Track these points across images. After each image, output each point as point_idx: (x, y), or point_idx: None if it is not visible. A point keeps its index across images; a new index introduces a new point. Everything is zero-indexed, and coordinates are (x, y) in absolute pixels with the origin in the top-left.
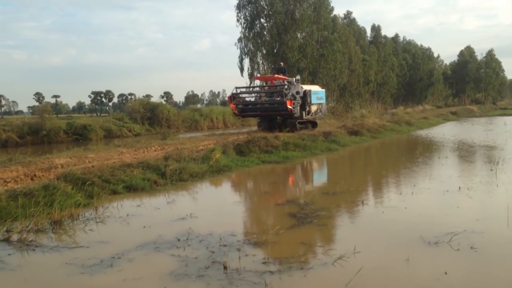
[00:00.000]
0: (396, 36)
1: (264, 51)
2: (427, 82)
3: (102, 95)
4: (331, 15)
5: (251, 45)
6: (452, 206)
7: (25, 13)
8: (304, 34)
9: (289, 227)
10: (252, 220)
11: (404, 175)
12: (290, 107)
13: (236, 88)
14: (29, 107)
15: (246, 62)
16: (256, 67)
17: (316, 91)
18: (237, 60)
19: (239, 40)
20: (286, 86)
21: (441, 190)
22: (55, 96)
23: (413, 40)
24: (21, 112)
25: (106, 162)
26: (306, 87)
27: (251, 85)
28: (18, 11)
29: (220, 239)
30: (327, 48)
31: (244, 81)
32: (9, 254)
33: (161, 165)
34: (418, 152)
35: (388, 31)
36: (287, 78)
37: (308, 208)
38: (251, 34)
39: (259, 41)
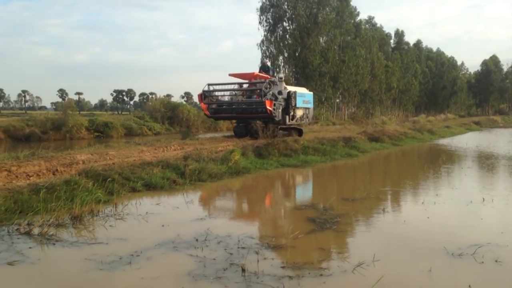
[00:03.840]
0: (419, 42)
1: (286, 54)
2: (450, 91)
3: (124, 93)
4: (357, 20)
5: (272, 48)
6: (476, 217)
7: (51, 10)
8: (326, 38)
9: (308, 232)
10: (270, 223)
11: (426, 184)
12: (269, 108)
13: (209, 85)
14: (52, 103)
15: (268, 65)
16: (277, 70)
17: (303, 94)
18: (258, 62)
19: (261, 42)
20: (266, 84)
21: (465, 201)
22: (78, 93)
23: (438, 48)
24: (44, 107)
25: (126, 159)
26: (291, 88)
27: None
28: (44, 8)
29: (239, 241)
30: (349, 53)
31: None
32: (30, 248)
33: (181, 164)
34: (441, 161)
35: (411, 38)
36: (269, 77)
37: (327, 214)
38: (273, 37)
39: (281, 44)
